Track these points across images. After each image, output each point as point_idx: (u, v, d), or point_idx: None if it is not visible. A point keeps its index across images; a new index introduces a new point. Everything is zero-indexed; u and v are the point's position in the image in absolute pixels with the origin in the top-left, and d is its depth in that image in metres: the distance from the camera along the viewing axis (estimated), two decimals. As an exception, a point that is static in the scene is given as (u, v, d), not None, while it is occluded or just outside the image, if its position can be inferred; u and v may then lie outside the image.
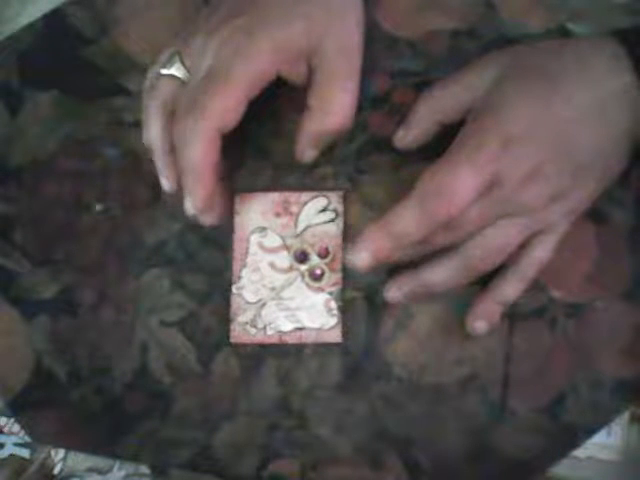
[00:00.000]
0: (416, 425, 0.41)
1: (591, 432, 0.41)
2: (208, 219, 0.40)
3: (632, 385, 0.41)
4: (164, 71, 0.40)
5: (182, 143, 0.38)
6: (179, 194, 0.42)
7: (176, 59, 0.40)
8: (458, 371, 0.41)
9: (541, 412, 0.41)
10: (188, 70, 0.40)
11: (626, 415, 0.42)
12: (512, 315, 0.42)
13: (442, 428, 0.41)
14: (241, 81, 0.38)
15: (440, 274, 0.39)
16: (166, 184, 0.41)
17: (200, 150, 0.37)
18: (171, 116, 0.40)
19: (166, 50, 0.41)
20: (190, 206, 0.39)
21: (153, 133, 0.40)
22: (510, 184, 0.37)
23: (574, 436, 0.41)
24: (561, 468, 0.42)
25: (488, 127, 0.37)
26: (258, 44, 0.38)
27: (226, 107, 0.38)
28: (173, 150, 0.40)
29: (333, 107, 0.39)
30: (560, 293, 0.42)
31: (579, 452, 0.42)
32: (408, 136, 0.42)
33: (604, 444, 0.42)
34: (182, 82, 0.40)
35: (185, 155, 0.38)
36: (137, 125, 0.45)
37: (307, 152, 0.41)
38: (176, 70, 0.40)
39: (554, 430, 0.41)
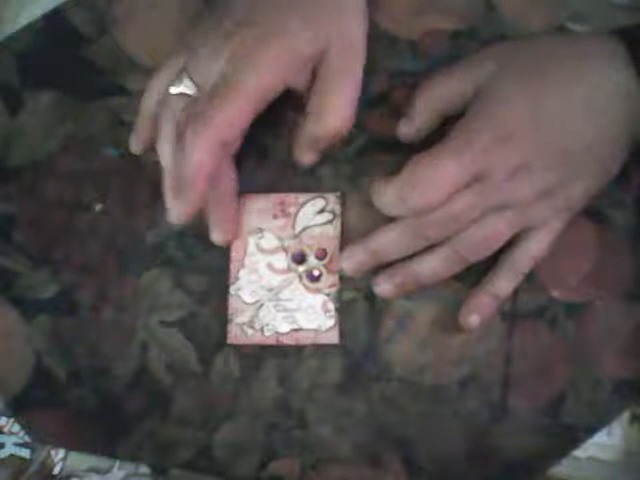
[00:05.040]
0: (416, 425, 0.41)
1: (591, 432, 0.41)
2: (222, 239, 0.41)
3: (632, 385, 0.41)
4: (174, 90, 0.40)
5: (182, 152, 0.38)
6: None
7: (185, 76, 0.39)
8: (458, 371, 0.41)
9: (541, 412, 0.41)
10: (197, 86, 0.39)
11: (626, 415, 0.42)
12: (512, 315, 0.42)
13: (442, 428, 0.41)
14: (251, 93, 0.38)
15: (429, 264, 0.39)
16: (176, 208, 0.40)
17: (199, 159, 0.37)
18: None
19: (171, 64, 0.41)
20: (173, 214, 0.39)
21: (165, 151, 0.40)
22: (497, 178, 0.37)
23: (574, 436, 0.41)
24: (561, 468, 0.42)
25: (479, 122, 0.38)
26: (268, 55, 0.38)
27: (232, 119, 0.38)
28: None
29: (330, 111, 0.39)
30: (560, 293, 0.42)
31: (579, 452, 0.42)
32: (410, 128, 0.42)
33: (604, 444, 0.42)
34: (192, 99, 0.39)
35: (185, 164, 0.38)
36: (137, 125, 0.45)
37: (306, 156, 0.41)
38: (185, 87, 0.39)
39: (554, 430, 0.41)
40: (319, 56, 0.39)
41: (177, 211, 0.39)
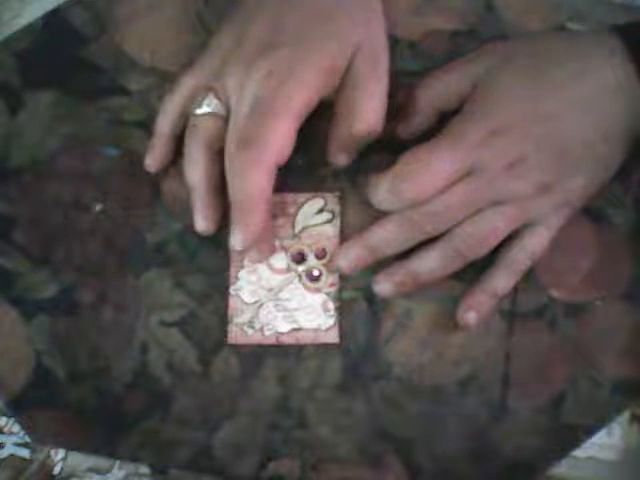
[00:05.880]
0: (416, 425, 0.41)
1: (591, 432, 0.41)
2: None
3: (632, 385, 0.41)
4: (201, 110, 0.40)
5: (238, 177, 0.38)
6: (181, 197, 0.43)
7: (212, 96, 0.40)
8: (458, 371, 0.41)
9: (541, 412, 0.41)
10: (225, 106, 0.40)
11: (626, 415, 0.42)
12: (512, 315, 0.42)
13: (442, 428, 0.41)
14: (294, 112, 0.38)
15: (427, 262, 0.39)
16: (203, 224, 0.41)
17: (259, 183, 0.38)
18: (216, 154, 0.40)
19: (184, 84, 0.41)
20: (239, 241, 0.38)
21: (198, 173, 0.40)
22: (492, 172, 0.37)
23: (574, 436, 0.41)
24: (561, 468, 0.42)
25: (475, 117, 0.38)
26: (305, 74, 0.38)
27: (283, 139, 0.38)
28: (217, 190, 0.40)
29: (363, 113, 0.40)
30: (560, 293, 0.42)
31: (579, 452, 0.41)
32: (410, 125, 0.42)
33: (604, 444, 0.42)
34: (222, 118, 0.40)
35: (242, 189, 0.38)
36: (137, 125, 0.45)
37: (339, 157, 0.42)
38: (214, 107, 0.40)
39: (554, 430, 0.41)
40: (348, 65, 0.39)
41: (241, 237, 0.38)
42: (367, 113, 0.40)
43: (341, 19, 0.39)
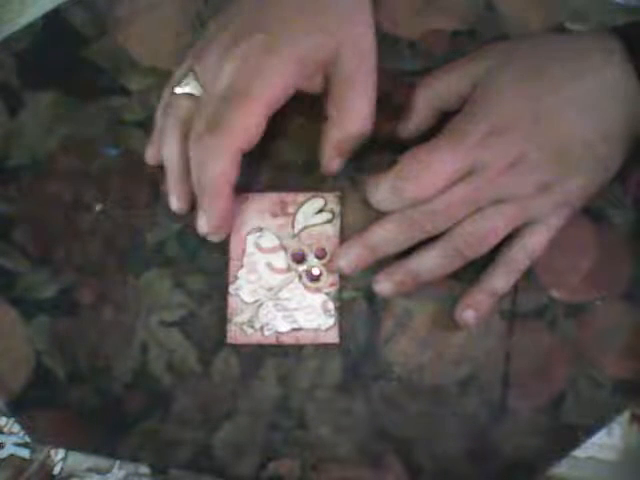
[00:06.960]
0: (416, 425, 0.41)
1: (591, 432, 0.41)
2: (218, 237, 0.41)
3: (632, 385, 0.41)
4: (180, 89, 0.40)
5: (202, 161, 0.38)
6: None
7: (191, 77, 0.40)
8: (458, 371, 0.41)
9: (541, 412, 0.41)
10: (203, 87, 0.40)
11: (626, 415, 0.42)
12: (512, 315, 0.42)
13: (442, 428, 0.41)
14: (264, 99, 0.38)
15: (427, 261, 0.39)
16: (176, 203, 0.42)
17: (222, 168, 0.38)
18: (188, 134, 0.40)
19: (180, 67, 0.41)
20: (204, 224, 0.40)
21: (170, 151, 0.41)
22: (492, 171, 0.37)
23: (574, 436, 0.41)
24: (561, 468, 0.42)
25: (476, 117, 0.38)
26: (279, 61, 0.38)
27: (249, 126, 0.38)
28: (188, 169, 0.40)
29: (353, 114, 0.40)
30: (560, 293, 0.42)
31: (579, 452, 0.41)
32: (410, 124, 0.42)
33: (604, 444, 0.42)
34: (198, 99, 0.40)
35: (205, 173, 0.38)
36: (137, 125, 0.45)
37: (333, 162, 0.42)
38: (192, 88, 0.40)
39: (554, 430, 0.41)
40: (330, 61, 0.39)
41: (205, 221, 0.40)
42: (355, 113, 0.40)
43: (327, 14, 0.39)
